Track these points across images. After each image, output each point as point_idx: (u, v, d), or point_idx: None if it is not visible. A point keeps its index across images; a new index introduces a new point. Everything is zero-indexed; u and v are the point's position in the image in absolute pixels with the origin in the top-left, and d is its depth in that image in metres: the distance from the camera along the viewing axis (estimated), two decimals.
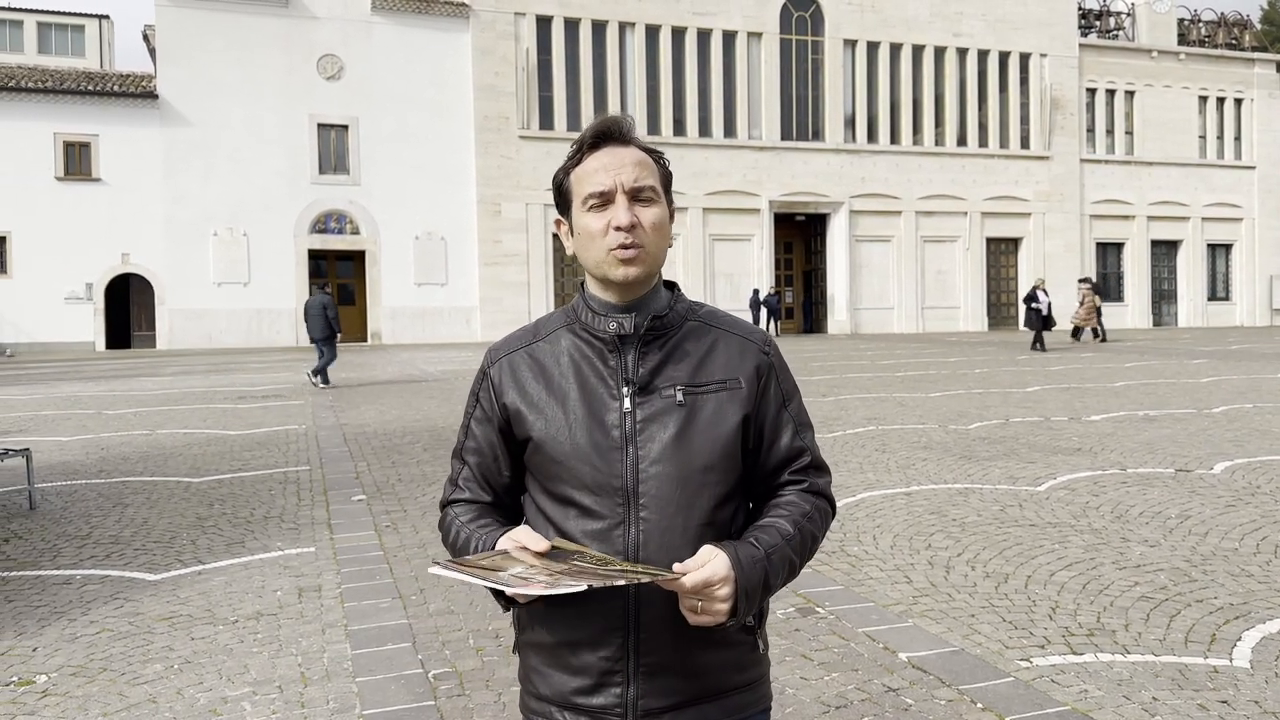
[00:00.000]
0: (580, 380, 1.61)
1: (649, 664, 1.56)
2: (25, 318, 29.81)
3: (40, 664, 4.15)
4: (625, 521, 1.56)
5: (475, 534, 1.63)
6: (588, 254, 1.62)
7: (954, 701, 3.62)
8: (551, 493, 1.61)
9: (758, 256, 35.87)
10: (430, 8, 32.39)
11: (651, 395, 1.59)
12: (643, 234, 1.58)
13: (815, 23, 36.43)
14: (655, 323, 1.61)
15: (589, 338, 1.63)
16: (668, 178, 1.67)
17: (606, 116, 1.64)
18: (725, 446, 1.59)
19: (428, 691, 3.79)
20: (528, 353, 1.67)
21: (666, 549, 1.55)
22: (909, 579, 5.18)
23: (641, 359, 1.60)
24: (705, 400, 1.60)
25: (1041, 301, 24.74)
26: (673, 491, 1.56)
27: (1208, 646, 4.12)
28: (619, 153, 1.60)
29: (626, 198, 1.58)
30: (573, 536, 1.57)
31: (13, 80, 29.77)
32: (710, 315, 1.69)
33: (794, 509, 1.64)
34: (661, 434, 1.57)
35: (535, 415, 1.61)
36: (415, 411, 13.04)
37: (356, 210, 32.02)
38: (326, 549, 6.00)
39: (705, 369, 1.62)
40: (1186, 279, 41.79)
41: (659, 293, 1.66)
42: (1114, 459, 8.72)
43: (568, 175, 1.64)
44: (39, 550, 6.07)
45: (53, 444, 10.52)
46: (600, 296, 1.64)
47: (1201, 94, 41.72)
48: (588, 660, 1.56)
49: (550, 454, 1.59)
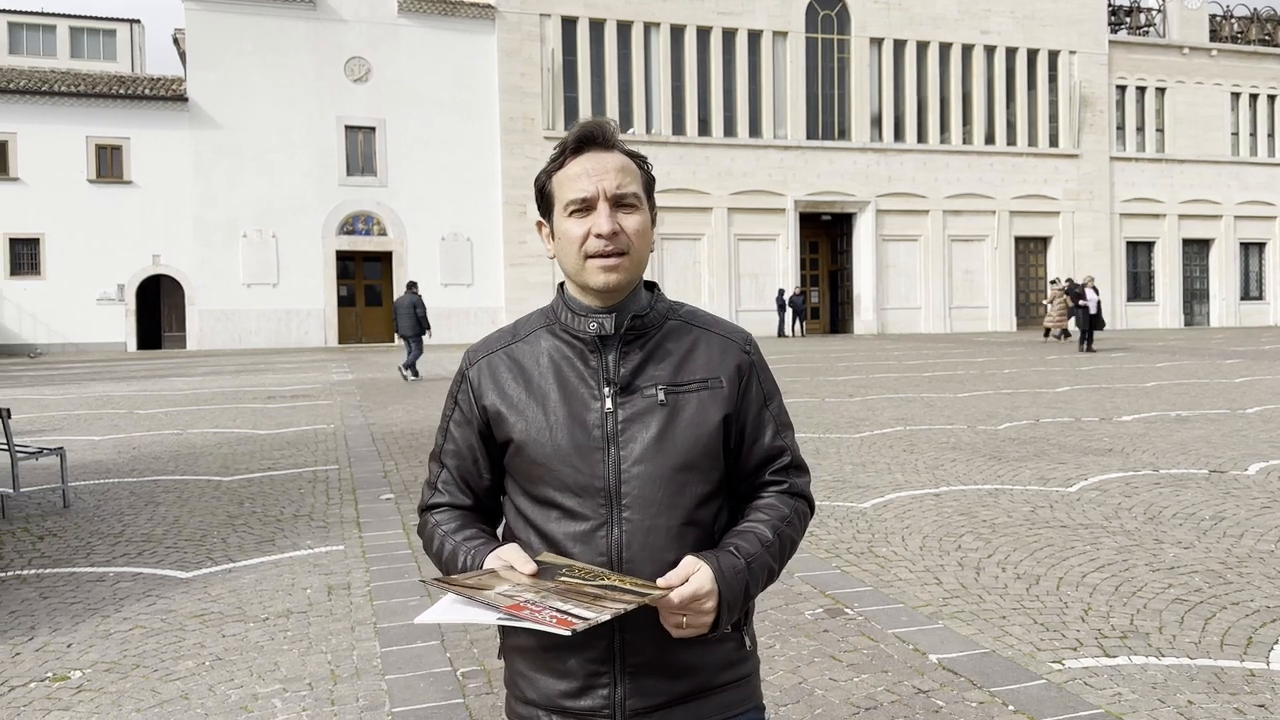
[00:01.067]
0: (560, 381, 1.60)
1: (635, 664, 1.54)
2: (58, 318, 30.20)
3: (75, 660, 4.20)
4: (608, 522, 1.55)
5: (461, 547, 1.60)
6: (567, 259, 1.60)
7: (985, 704, 3.58)
8: (532, 495, 1.60)
9: (783, 256, 35.75)
10: (456, 10, 32.53)
11: (633, 395, 1.57)
12: (625, 240, 1.57)
13: (841, 21, 36.27)
14: (636, 322, 1.60)
15: (569, 338, 1.62)
16: (650, 183, 1.65)
17: (590, 120, 1.64)
18: (707, 445, 1.58)
19: (456, 689, 3.80)
20: (506, 354, 1.66)
21: (650, 549, 1.54)
22: (939, 580, 5.14)
23: (623, 359, 1.59)
24: (687, 399, 1.58)
25: (1090, 300, 24.04)
26: (655, 491, 1.55)
27: (1244, 650, 4.06)
28: (602, 158, 1.59)
29: (609, 204, 1.57)
30: (555, 539, 1.56)
31: (46, 84, 30.17)
32: (691, 315, 1.67)
33: (773, 512, 1.63)
34: (643, 434, 1.56)
35: (515, 417, 1.60)
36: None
37: (384, 211, 32.21)
38: (355, 547, 6.03)
39: (687, 368, 1.60)
40: (1219, 278, 41.26)
41: (639, 293, 1.64)
42: (1146, 460, 8.62)
43: (549, 178, 1.63)
44: (73, 548, 6.15)
45: (86, 443, 10.65)
46: (580, 298, 1.63)
47: (1234, 90, 41.18)
48: (574, 663, 1.55)
49: (531, 456, 1.58)
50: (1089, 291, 24.20)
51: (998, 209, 37.84)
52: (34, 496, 7.70)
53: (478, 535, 1.63)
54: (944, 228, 37.25)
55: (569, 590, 1.41)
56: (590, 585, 1.43)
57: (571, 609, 1.35)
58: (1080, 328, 24.28)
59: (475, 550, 1.58)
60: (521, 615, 1.33)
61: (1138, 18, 41.22)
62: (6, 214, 29.74)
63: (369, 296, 33.20)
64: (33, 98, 29.76)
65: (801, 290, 35.81)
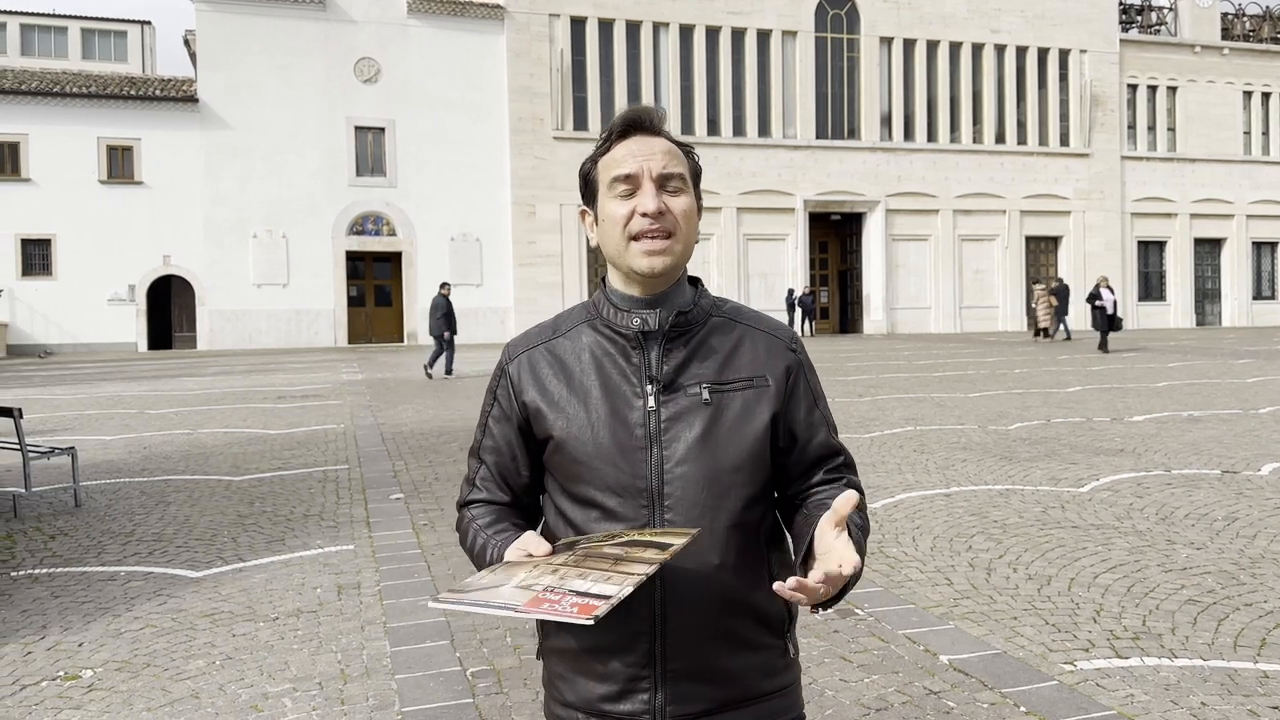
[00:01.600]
0: (602, 377, 1.56)
1: (676, 669, 1.51)
2: (69, 319, 30.33)
3: (86, 659, 4.21)
4: (650, 524, 1.51)
5: (490, 540, 1.58)
6: (610, 242, 1.56)
7: (996, 705, 3.57)
8: (573, 494, 1.56)
9: (792, 256, 35.70)
10: (465, 10, 32.57)
11: (676, 393, 1.54)
12: (671, 221, 1.53)
13: (851, 21, 36.20)
14: (680, 318, 1.56)
15: (611, 334, 1.58)
16: (697, 171, 1.61)
17: (637, 106, 1.60)
18: (753, 446, 1.54)
19: (466, 689, 3.80)
20: (547, 349, 1.62)
21: (692, 552, 1.49)
22: (950, 581, 5.12)
23: (666, 356, 1.55)
24: (732, 398, 1.55)
25: (1106, 300, 23.61)
26: (699, 493, 1.51)
27: (1258, 651, 4.04)
28: (648, 141, 1.56)
29: (654, 184, 1.53)
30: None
31: (58, 85, 30.31)
32: (735, 311, 1.64)
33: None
34: (687, 433, 1.52)
35: (556, 414, 1.56)
36: (451, 411, 13.11)
37: (393, 212, 32.27)
38: (365, 547, 6.04)
39: (732, 366, 1.56)
40: (1231, 277, 41.05)
41: (683, 287, 1.60)
42: (1158, 460, 8.58)
43: (595, 164, 1.60)
44: (84, 547, 6.17)
45: (97, 443, 10.69)
46: (622, 290, 1.59)
47: (1246, 89, 40.97)
48: (614, 666, 1.52)
49: (572, 454, 1.54)
50: (1104, 291, 23.72)
51: (1008, 208, 37.72)
52: (46, 496, 7.74)
53: (508, 529, 1.60)
54: (954, 227, 37.15)
55: (587, 558, 1.37)
56: (609, 545, 1.40)
57: (591, 587, 1.29)
58: (1097, 328, 23.93)
59: (501, 542, 1.55)
60: (540, 609, 1.28)
61: (1149, 16, 41.04)
62: (18, 214, 29.88)
63: (379, 297, 33.27)
64: (44, 99, 29.91)
65: (811, 290, 35.75)
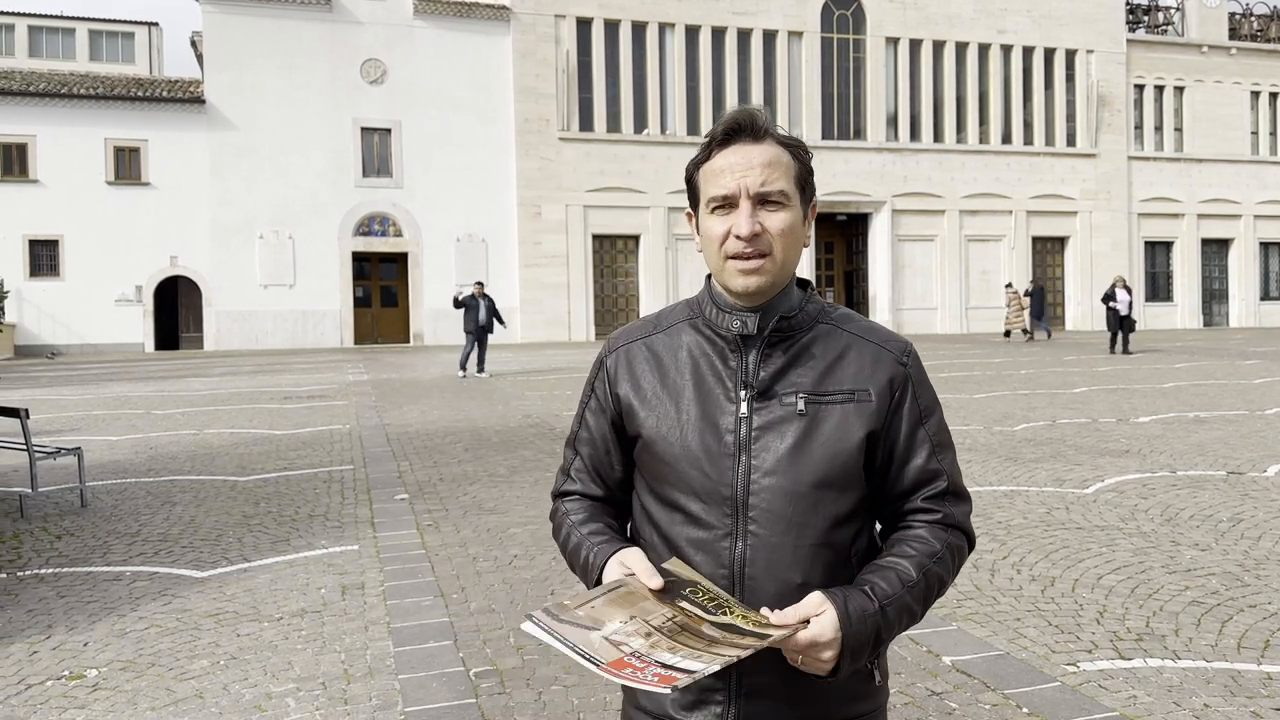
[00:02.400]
0: (697, 378, 1.52)
1: (752, 684, 1.46)
2: (77, 319, 30.43)
3: (91, 658, 4.23)
4: (733, 534, 1.46)
5: (586, 541, 1.54)
6: (710, 257, 1.53)
7: (999, 706, 3.57)
8: (658, 495, 1.53)
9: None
10: (471, 11, 32.61)
11: (770, 401, 1.48)
12: (766, 242, 1.48)
13: (857, 21, 36.18)
14: (782, 323, 1.51)
15: (711, 334, 1.54)
16: (805, 174, 1.56)
17: (740, 110, 1.54)
18: (846, 463, 1.47)
19: (469, 689, 3.81)
20: (646, 344, 1.59)
21: (775, 568, 1.45)
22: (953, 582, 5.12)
23: (764, 361, 1.50)
24: (829, 411, 1.48)
25: (1120, 300, 23.14)
26: (785, 507, 1.46)
27: (1261, 653, 4.03)
28: (749, 151, 1.49)
29: (751, 203, 1.47)
30: (677, 544, 1.50)
31: (65, 86, 30.41)
32: (844, 318, 1.57)
33: (922, 546, 1.49)
34: (778, 444, 1.47)
35: (646, 411, 1.53)
36: (457, 412, 13.13)
37: (399, 213, 32.32)
38: (370, 547, 6.05)
39: (832, 377, 1.50)
40: (1238, 278, 40.93)
41: (790, 292, 1.55)
42: (1163, 461, 8.56)
43: (697, 170, 1.56)
44: (90, 547, 6.19)
45: (103, 443, 10.72)
46: (726, 294, 1.55)
47: (1254, 89, 40.85)
48: None
49: (659, 454, 1.51)
50: (1119, 292, 23.20)
51: (1015, 209, 37.66)
52: (52, 496, 7.77)
53: (603, 530, 1.57)
54: (960, 228, 37.10)
55: (684, 629, 1.33)
56: (709, 621, 1.35)
57: (679, 662, 1.27)
58: (1109, 329, 23.65)
59: (599, 548, 1.52)
60: (622, 674, 1.25)
61: (1156, 16, 40.94)
62: (26, 215, 29.98)
63: (385, 297, 33.32)
64: (52, 100, 30.01)
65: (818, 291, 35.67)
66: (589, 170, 33.01)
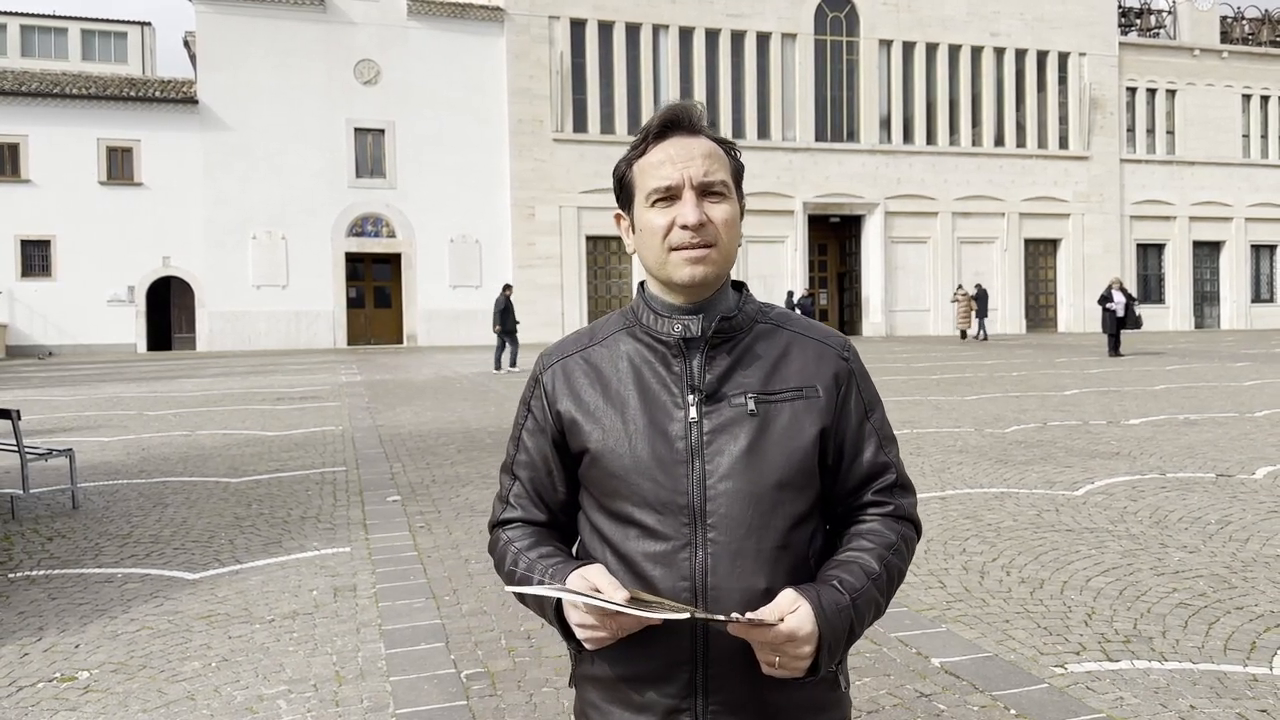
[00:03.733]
0: (641, 387, 1.48)
1: (719, 702, 1.43)
2: (69, 320, 30.36)
3: (82, 660, 4.23)
4: (691, 544, 1.42)
5: (537, 565, 1.48)
6: (649, 253, 1.49)
7: (987, 708, 3.59)
8: (610, 510, 1.48)
9: (791, 258, 35.74)
10: (465, 12, 32.61)
11: (720, 404, 1.45)
12: (713, 231, 1.45)
13: (850, 23, 36.25)
14: (724, 325, 1.48)
15: (651, 341, 1.50)
16: (739, 171, 1.53)
17: (675, 103, 1.51)
18: (802, 461, 1.45)
19: (460, 691, 3.82)
20: (583, 357, 1.54)
21: (738, 574, 1.41)
22: (943, 584, 5.15)
23: (709, 364, 1.46)
24: (780, 409, 1.46)
25: (1117, 302, 23.02)
26: (744, 511, 1.42)
27: (1247, 655, 4.06)
28: (687, 143, 1.47)
29: (695, 193, 1.45)
30: (633, 559, 1.45)
31: (58, 86, 30.35)
32: (783, 317, 1.55)
33: (878, 539, 1.49)
34: (731, 446, 1.43)
35: (592, 425, 1.48)
36: (450, 413, 13.13)
37: (393, 214, 32.31)
38: (362, 549, 6.06)
39: (779, 375, 1.48)
40: (1229, 280, 41.10)
41: (726, 293, 1.52)
42: (1153, 463, 8.60)
43: (630, 166, 1.52)
44: (81, 549, 6.19)
45: (95, 444, 10.71)
46: (663, 297, 1.51)
47: (1245, 92, 41.03)
48: (651, 697, 1.43)
49: (608, 467, 1.46)
50: (1115, 294, 23.12)
51: (1007, 211, 37.77)
52: (43, 498, 7.76)
53: (555, 553, 1.50)
54: (953, 230, 37.20)
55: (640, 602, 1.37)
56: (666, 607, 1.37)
57: (631, 610, 1.32)
58: (1106, 331, 23.52)
59: (554, 569, 1.46)
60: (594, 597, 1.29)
61: (1148, 19, 41.10)
62: (18, 215, 29.92)
63: (378, 298, 33.32)
64: (44, 100, 29.95)
65: (810, 292, 35.77)
66: (583, 171, 33.03)
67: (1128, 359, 22.06)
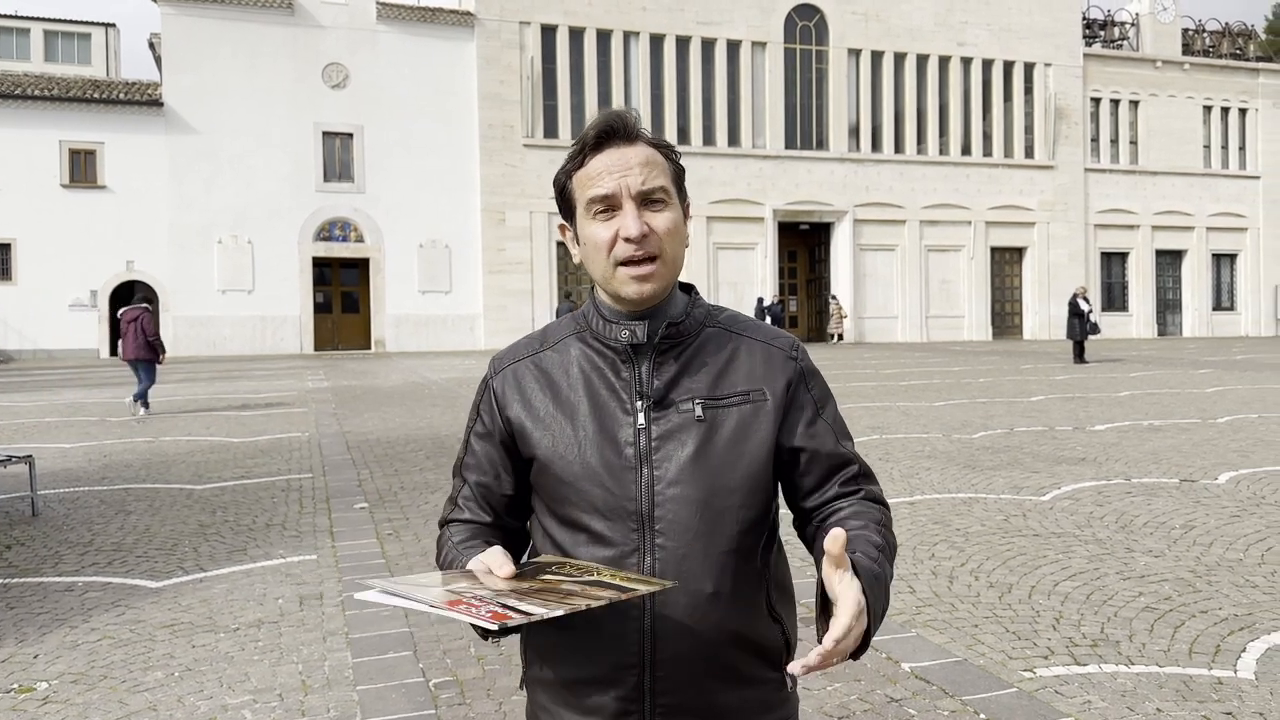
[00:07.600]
0: (590, 393, 1.48)
1: (666, 705, 1.43)
2: (30, 325, 29.88)
3: (41, 671, 4.15)
4: (640, 549, 1.43)
5: (459, 555, 1.48)
6: (596, 266, 1.48)
7: (957, 712, 3.60)
8: (560, 516, 1.48)
9: (761, 265, 35.88)
10: (435, 17, 32.50)
11: (668, 410, 1.45)
12: (656, 242, 1.44)
13: (819, 32, 36.49)
14: (671, 330, 1.48)
15: (600, 347, 1.50)
16: (680, 175, 1.51)
17: (610, 111, 1.49)
18: (751, 465, 1.45)
19: (428, 700, 3.78)
20: (533, 362, 1.54)
21: (684, 579, 1.41)
22: (912, 589, 5.16)
23: (656, 370, 1.47)
24: (727, 414, 1.46)
25: (1083, 309, 23.18)
26: (692, 516, 1.42)
27: (1212, 658, 4.10)
28: (625, 153, 1.46)
29: (634, 203, 1.44)
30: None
31: (19, 88, 29.89)
32: (731, 320, 1.55)
33: (868, 516, 1.47)
34: (679, 452, 1.44)
35: (541, 431, 1.48)
36: (418, 419, 13.04)
37: (361, 218, 32.09)
38: (328, 557, 5.99)
39: (726, 379, 1.48)
40: (1191, 289, 41.73)
41: (675, 297, 1.52)
42: (1119, 469, 8.69)
43: (569, 178, 1.51)
44: (41, 557, 6.07)
45: (55, 451, 10.53)
46: (610, 304, 1.51)
47: (1206, 104, 41.72)
48: (599, 700, 1.44)
49: (558, 474, 1.46)
50: (1080, 302, 23.31)
51: (974, 219, 38.14)
52: (1, 505, 7.61)
53: (479, 546, 1.49)
54: (921, 238, 37.51)
55: (542, 590, 1.29)
56: (569, 582, 1.32)
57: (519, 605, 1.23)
58: (1071, 337, 23.49)
59: (465, 554, 1.47)
60: (455, 610, 1.21)
61: (1112, 31, 41.70)
62: None
63: (345, 303, 33.07)
64: (5, 101, 29.49)
65: (780, 299, 35.93)
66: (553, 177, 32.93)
67: (1093, 366, 22.32)
